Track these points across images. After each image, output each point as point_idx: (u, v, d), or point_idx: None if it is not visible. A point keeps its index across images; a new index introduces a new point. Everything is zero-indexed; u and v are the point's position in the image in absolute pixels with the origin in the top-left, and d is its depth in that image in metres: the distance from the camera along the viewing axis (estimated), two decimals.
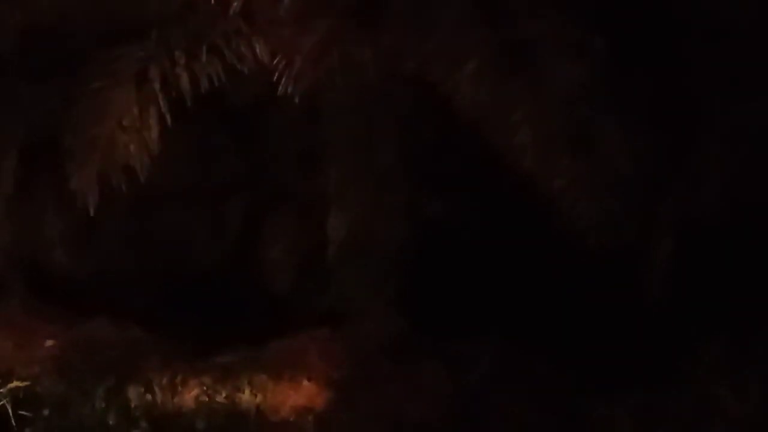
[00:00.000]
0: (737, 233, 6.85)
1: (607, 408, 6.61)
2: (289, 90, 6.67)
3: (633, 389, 6.68)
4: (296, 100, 6.74)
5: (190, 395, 6.90)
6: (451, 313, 7.10)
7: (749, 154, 6.92)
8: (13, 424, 6.27)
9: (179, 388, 6.93)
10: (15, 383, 6.50)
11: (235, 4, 6.68)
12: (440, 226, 7.27)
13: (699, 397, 6.63)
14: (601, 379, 6.71)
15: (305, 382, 6.95)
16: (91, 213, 6.86)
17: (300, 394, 6.88)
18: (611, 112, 6.89)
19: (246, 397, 6.88)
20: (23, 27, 6.96)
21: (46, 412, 6.57)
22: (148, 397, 6.84)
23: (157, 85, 6.74)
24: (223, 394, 6.89)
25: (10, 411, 6.32)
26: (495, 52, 6.80)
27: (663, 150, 6.96)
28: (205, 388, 6.92)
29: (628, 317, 6.97)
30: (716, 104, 6.92)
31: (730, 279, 6.78)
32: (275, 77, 6.68)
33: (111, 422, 6.56)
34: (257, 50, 6.73)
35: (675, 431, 6.50)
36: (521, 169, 6.88)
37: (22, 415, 6.38)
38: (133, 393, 6.83)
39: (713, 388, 6.62)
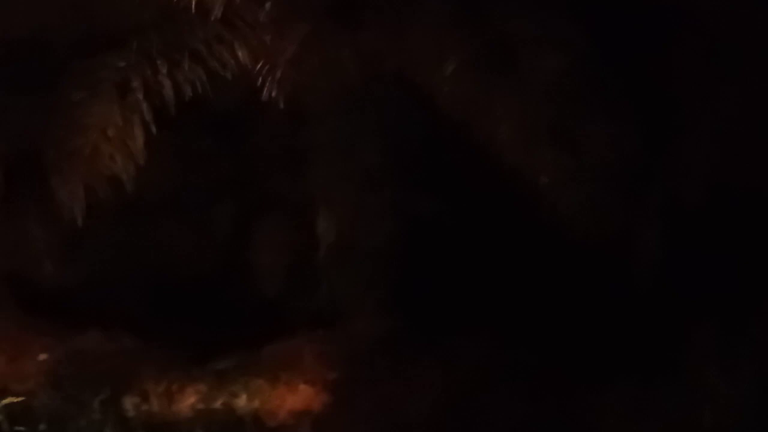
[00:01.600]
0: (724, 219, 6.92)
1: (600, 398, 6.68)
2: (273, 94, 6.76)
3: (624, 379, 6.76)
4: (280, 104, 6.82)
5: (186, 403, 6.96)
6: (443, 310, 7.16)
7: (734, 141, 6.99)
8: None
9: (175, 397, 6.99)
10: (9, 399, 6.55)
11: (215, 10, 6.73)
12: (428, 223, 7.30)
13: (690, 384, 6.69)
14: (593, 370, 6.81)
15: (302, 386, 7.02)
16: (79, 224, 6.93)
17: (297, 398, 6.94)
18: (594, 103, 6.97)
19: (243, 402, 6.94)
20: (0, 38, 6.95)
21: (42, 426, 6.63)
22: (144, 407, 6.91)
23: (140, 95, 6.78)
24: (220, 401, 6.96)
25: (6, 427, 6.37)
26: (475, 50, 6.87)
27: (647, 139, 7.03)
28: (201, 395, 6.98)
29: (618, 307, 7.03)
30: (700, 91, 7.00)
31: (718, 265, 6.85)
32: (258, 82, 6.75)
33: None
34: (239, 56, 6.79)
35: (667, 419, 6.56)
36: (506, 165, 6.96)
37: (19, 430, 6.44)
38: (129, 403, 6.90)
39: (704, 375, 6.69)
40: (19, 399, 6.61)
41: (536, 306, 7.19)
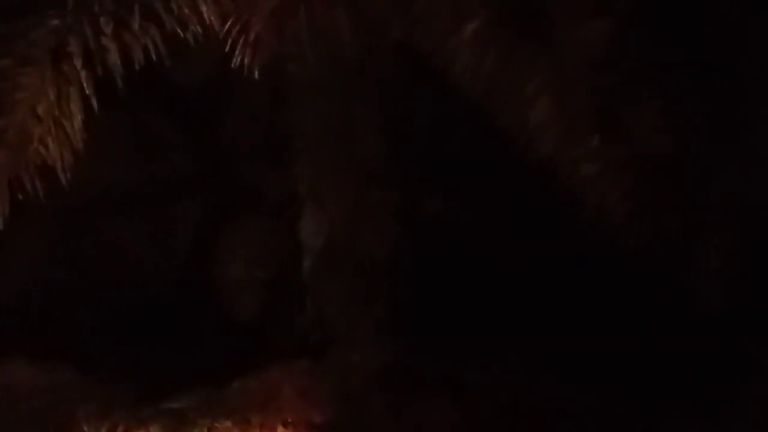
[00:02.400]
0: None
1: None
2: (247, 64, 6.02)
3: (684, 416, 6.24)
4: (256, 76, 6.09)
5: None
6: (457, 335, 6.67)
7: None
8: None
9: None
10: None
11: None
12: (440, 228, 6.82)
13: (762, 421, 6.16)
14: (645, 406, 6.29)
15: (280, 429, 6.49)
16: (0, 227, 6.17)
17: None
18: (645, 80, 6.31)
19: None
20: None
21: None
22: None
23: (78, 62, 6.07)
24: None
25: None
26: (499, 11, 6.28)
27: (712, 124, 6.39)
28: None
29: (677, 328, 6.51)
30: None
31: None
32: (228, 48, 6.03)
33: None
34: (204, 13, 6.06)
35: None
36: (538, 155, 6.32)
37: None
38: None
39: None
40: None
41: (573, 330, 6.65)
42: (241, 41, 5.97)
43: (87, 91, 6.08)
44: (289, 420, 6.46)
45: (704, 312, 6.42)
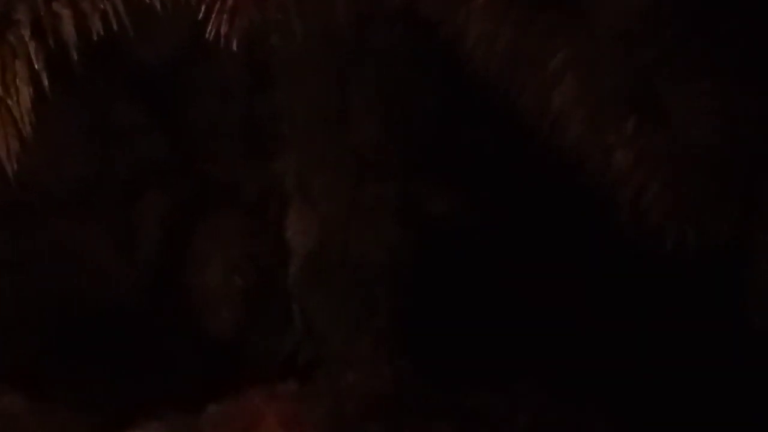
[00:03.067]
0: None
1: None
2: (223, 36, 5.54)
3: None
4: (234, 51, 5.60)
5: None
6: (466, 353, 6.29)
7: None
8: None
9: None
10: None
11: None
12: (448, 230, 6.45)
13: None
14: None
15: None
16: None
17: None
18: (688, 55, 5.85)
19: None
20: None
21: None
22: None
23: (26, 31, 5.62)
24: None
25: None
26: None
27: (764, 110, 5.85)
28: None
29: (725, 352, 6.02)
30: None
31: None
32: (201, 16, 5.54)
33: None
34: None
35: None
36: (562, 143, 5.84)
37: None
38: None
39: None
40: None
41: (601, 348, 6.19)
42: (216, 8, 5.46)
43: (36, 66, 5.60)
44: None
45: (756, 327, 5.83)
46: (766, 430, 5.70)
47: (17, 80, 5.61)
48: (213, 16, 5.49)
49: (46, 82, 5.60)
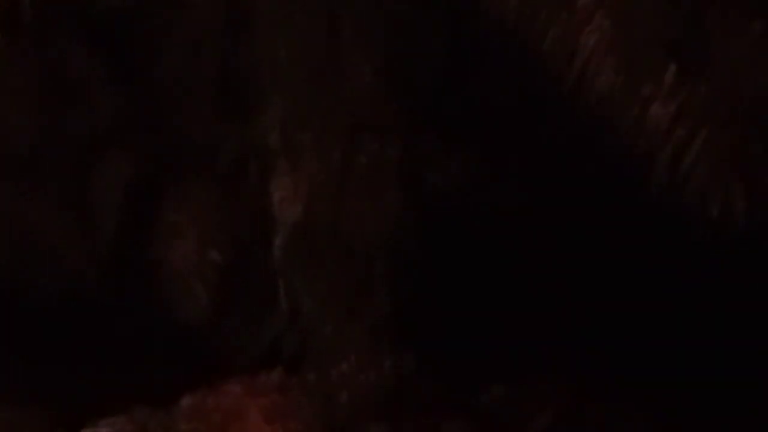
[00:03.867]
0: None
1: None
2: None
3: None
4: None
5: None
6: (477, 343, 5.72)
7: None
8: None
9: None
10: None
11: None
12: (456, 199, 5.83)
13: None
14: None
15: None
16: None
17: None
18: None
19: None
20: None
21: None
22: None
23: None
24: None
25: None
26: None
27: None
28: None
29: None
30: None
31: None
32: None
33: None
34: None
35: None
36: (591, 95, 5.23)
37: None
38: None
39: None
40: None
41: (633, 338, 5.62)
42: None
43: None
44: None
45: None
46: None
47: None
48: None
49: None
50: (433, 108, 5.76)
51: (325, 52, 5.70)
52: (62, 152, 6.12)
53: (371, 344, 5.83)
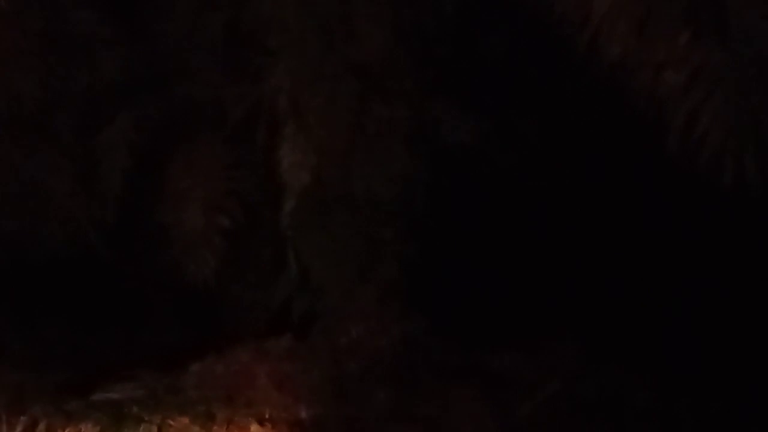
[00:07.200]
0: None
1: None
2: None
3: None
4: None
5: None
6: (489, 308, 5.96)
7: None
8: None
9: None
10: None
11: None
12: (468, 161, 6.08)
13: None
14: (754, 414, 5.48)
15: (254, 428, 5.85)
16: None
17: None
18: None
19: None
20: None
21: None
22: None
23: None
24: None
25: None
26: None
27: None
28: None
29: None
30: None
31: None
32: None
33: None
34: None
35: None
36: (604, 59, 5.27)
37: None
38: None
39: None
40: None
41: (645, 304, 5.81)
42: None
43: None
44: (266, 416, 5.83)
45: None
46: None
47: None
48: None
49: None
50: (444, 72, 5.94)
51: (334, 12, 5.82)
52: (67, 113, 6.24)
53: (380, 310, 6.05)
